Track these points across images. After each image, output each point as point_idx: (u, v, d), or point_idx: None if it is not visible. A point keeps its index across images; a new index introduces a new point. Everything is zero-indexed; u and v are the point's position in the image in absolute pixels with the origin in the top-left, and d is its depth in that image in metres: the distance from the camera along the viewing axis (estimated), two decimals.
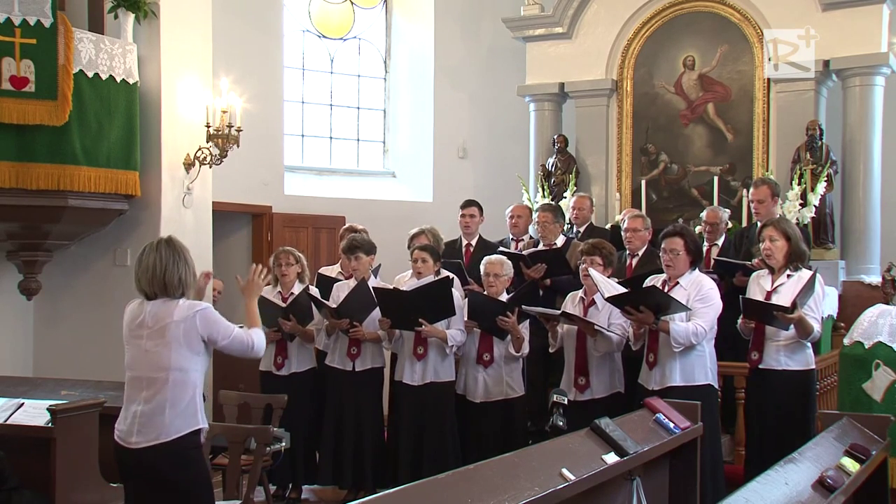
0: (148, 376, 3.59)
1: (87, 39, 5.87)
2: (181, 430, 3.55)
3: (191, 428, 3.59)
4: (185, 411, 3.57)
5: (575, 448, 3.27)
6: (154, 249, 3.64)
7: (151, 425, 3.54)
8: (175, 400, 3.55)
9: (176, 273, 3.61)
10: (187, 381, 3.59)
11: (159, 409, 3.54)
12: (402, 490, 2.57)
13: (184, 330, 3.56)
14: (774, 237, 4.94)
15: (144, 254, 3.66)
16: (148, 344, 3.59)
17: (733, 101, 8.25)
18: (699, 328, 4.74)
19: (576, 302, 5.32)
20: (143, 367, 3.61)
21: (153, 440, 3.53)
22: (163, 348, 3.56)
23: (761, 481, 3.03)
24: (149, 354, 3.59)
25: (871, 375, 5.28)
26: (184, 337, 3.56)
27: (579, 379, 5.20)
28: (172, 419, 3.54)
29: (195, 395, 3.63)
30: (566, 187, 8.49)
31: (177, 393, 3.56)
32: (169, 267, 3.60)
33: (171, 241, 3.71)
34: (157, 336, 3.58)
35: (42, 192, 5.70)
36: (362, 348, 5.81)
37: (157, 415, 3.54)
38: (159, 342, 3.57)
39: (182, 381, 3.57)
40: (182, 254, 3.67)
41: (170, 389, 3.55)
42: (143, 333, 3.61)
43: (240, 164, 7.35)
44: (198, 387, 3.65)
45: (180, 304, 3.60)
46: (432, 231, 6.25)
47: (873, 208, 7.79)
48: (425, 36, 9.81)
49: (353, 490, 5.86)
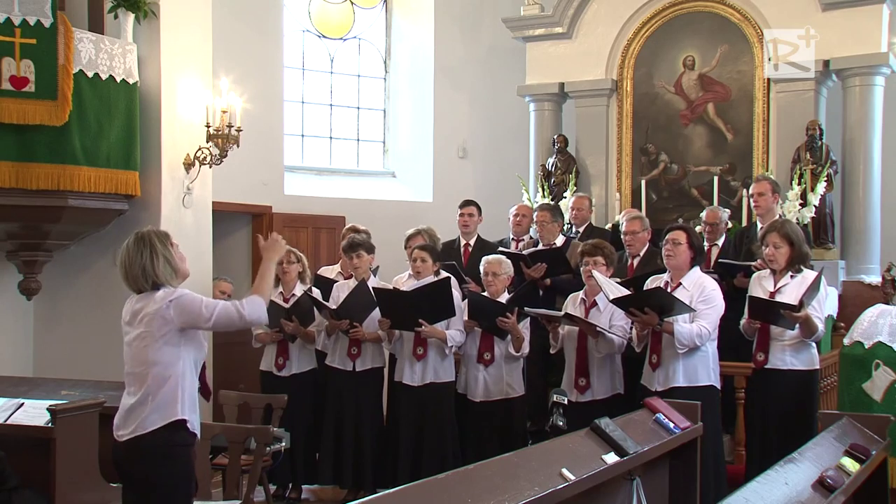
0: (133, 371, 3.56)
1: (87, 39, 5.87)
2: (156, 422, 3.48)
3: (167, 420, 3.49)
4: (162, 403, 3.49)
5: (575, 448, 3.27)
6: (124, 246, 3.62)
7: (133, 418, 3.51)
8: (156, 393, 3.49)
9: (139, 265, 3.54)
10: (169, 375, 3.51)
11: (142, 402, 3.50)
12: (402, 490, 2.57)
13: (157, 324, 3.50)
14: (778, 244, 4.94)
15: (119, 251, 3.64)
16: (132, 338, 3.58)
17: (733, 101, 8.25)
18: (703, 329, 4.74)
19: (577, 303, 5.32)
20: (130, 361, 3.59)
21: (132, 433, 3.50)
22: (140, 343, 3.53)
23: (761, 481, 3.03)
24: (131, 349, 3.57)
25: (871, 375, 5.28)
26: (158, 330, 3.50)
27: (580, 380, 5.20)
28: (150, 412, 3.49)
29: (176, 385, 3.52)
30: (566, 187, 8.49)
31: (158, 387, 3.50)
32: (135, 261, 3.55)
33: (139, 235, 3.63)
34: (138, 330, 3.55)
35: (42, 192, 5.70)
36: (363, 348, 5.81)
37: (140, 408, 3.50)
38: (138, 336, 3.55)
39: (163, 374, 3.50)
40: (150, 244, 3.57)
41: (151, 383, 3.49)
42: (130, 329, 3.59)
43: (240, 164, 7.35)
44: (182, 377, 3.54)
45: (156, 297, 3.53)
46: (429, 231, 6.26)
47: (873, 208, 7.79)
48: (425, 36, 9.81)
49: (353, 490, 5.87)
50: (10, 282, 6.23)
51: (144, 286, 3.56)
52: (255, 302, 3.66)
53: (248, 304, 3.64)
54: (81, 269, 6.52)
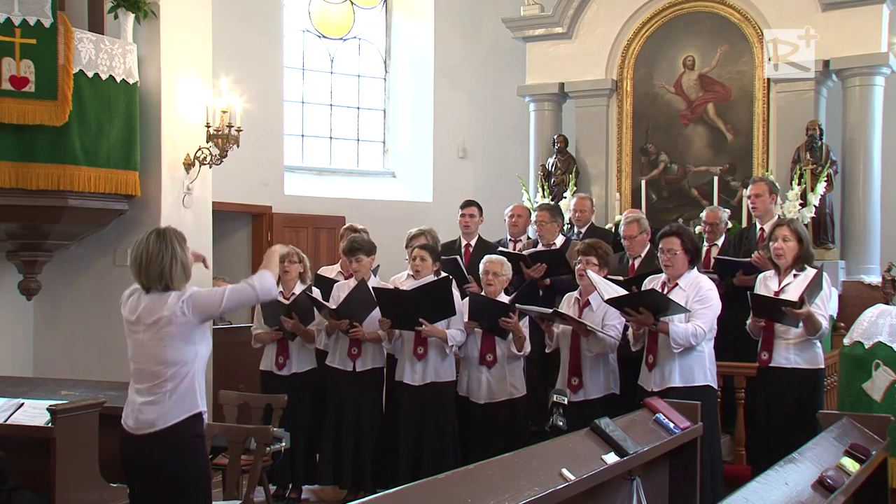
0: (150, 369, 3.59)
1: (87, 39, 5.87)
2: (179, 415, 3.55)
3: (189, 412, 3.57)
4: (183, 397, 3.56)
5: (575, 448, 3.27)
6: (144, 240, 3.61)
7: (151, 413, 3.54)
8: (175, 389, 3.56)
9: (158, 265, 3.55)
10: (187, 371, 3.58)
11: (161, 399, 3.55)
12: (402, 490, 2.57)
13: (176, 324, 3.53)
14: (788, 237, 4.96)
15: (136, 244, 3.63)
16: (144, 338, 3.58)
17: (733, 101, 8.25)
18: (698, 329, 4.74)
19: (571, 303, 5.32)
20: (143, 360, 3.61)
21: (152, 427, 3.53)
22: (158, 343, 3.55)
23: (761, 481, 3.03)
24: (147, 348, 3.59)
25: (871, 375, 5.29)
26: (177, 331, 3.54)
27: (573, 379, 5.19)
28: (171, 406, 3.54)
29: (193, 379, 3.60)
30: (566, 187, 8.49)
31: (177, 383, 3.56)
32: (153, 258, 3.55)
33: (161, 232, 3.64)
34: (152, 331, 3.56)
35: (42, 192, 5.70)
36: (363, 348, 5.81)
37: (158, 404, 3.54)
38: (154, 337, 3.56)
39: (181, 372, 3.57)
40: (171, 245, 3.58)
41: (170, 382, 3.55)
42: (139, 328, 3.60)
43: (240, 164, 7.36)
44: (198, 371, 3.63)
45: (169, 300, 3.55)
46: (431, 233, 6.25)
47: (873, 208, 7.79)
48: (425, 36, 9.82)
49: (353, 490, 5.86)
50: (10, 282, 6.24)
51: (157, 286, 3.58)
52: (264, 275, 3.72)
53: (258, 277, 3.71)
54: (81, 269, 6.52)
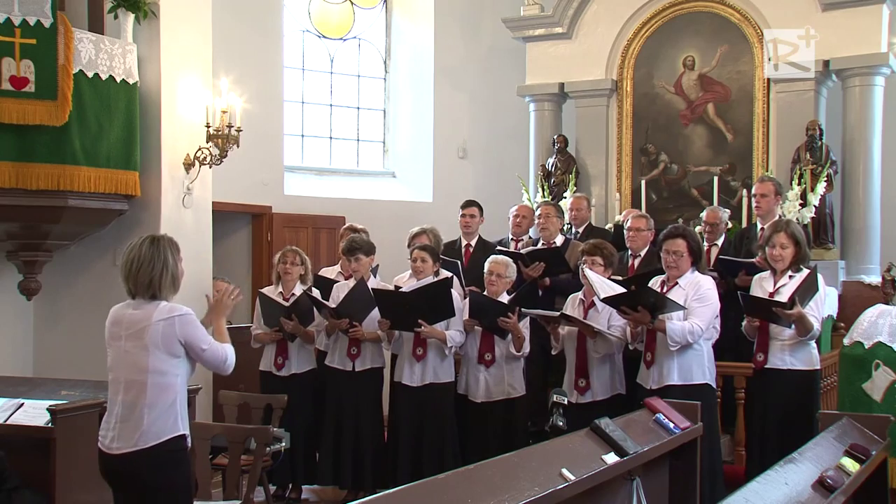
0: (127, 378, 3.50)
1: (87, 39, 5.87)
2: (160, 436, 3.46)
3: (171, 434, 3.48)
4: (164, 416, 3.47)
5: (575, 448, 3.27)
6: (137, 246, 3.55)
7: (130, 430, 3.45)
8: (154, 403, 3.46)
9: (148, 273, 3.49)
10: (167, 385, 3.49)
11: (138, 412, 3.45)
12: (402, 490, 2.56)
13: (162, 333, 3.46)
14: (785, 244, 4.94)
15: (129, 248, 3.58)
16: (127, 345, 3.52)
17: (733, 101, 8.25)
18: (695, 326, 4.74)
19: (576, 304, 5.32)
20: (122, 368, 3.53)
21: (133, 446, 3.44)
22: (140, 350, 3.48)
23: (761, 481, 3.03)
24: (128, 356, 3.51)
25: (871, 375, 5.29)
26: (162, 340, 3.47)
27: (580, 381, 5.20)
28: (150, 424, 3.44)
29: (175, 400, 3.51)
30: (566, 187, 8.49)
31: (155, 396, 3.46)
32: (144, 265, 3.50)
33: (155, 239, 3.58)
34: (136, 338, 3.49)
35: (42, 192, 5.70)
36: (362, 348, 5.81)
37: (137, 419, 3.45)
38: (137, 344, 3.49)
39: (161, 384, 3.47)
40: (163, 254, 3.53)
41: (148, 392, 3.45)
42: (121, 334, 3.53)
43: (240, 164, 7.35)
44: (179, 393, 3.53)
45: (160, 307, 3.50)
46: (433, 231, 6.26)
47: (873, 208, 7.78)
48: (425, 36, 9.81)
49: (353, 490, 5.86)
50: (10, 282, 6.23)
51: (144, 294, 3.53)
52: (231, 350, 3.70)
53: (230, 350, 3.68)
54: (81, 269, 6.52)
